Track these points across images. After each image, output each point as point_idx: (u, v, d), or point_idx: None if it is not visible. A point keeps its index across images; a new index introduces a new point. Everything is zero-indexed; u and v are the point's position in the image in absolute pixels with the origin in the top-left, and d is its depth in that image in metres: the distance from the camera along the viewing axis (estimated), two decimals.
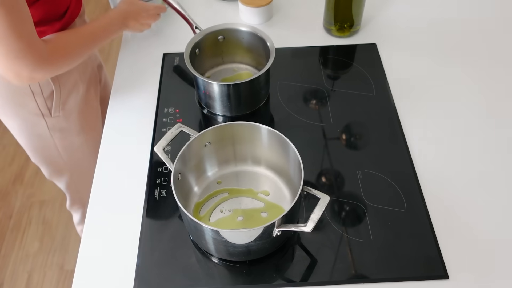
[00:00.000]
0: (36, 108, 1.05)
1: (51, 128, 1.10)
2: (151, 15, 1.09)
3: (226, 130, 0.86)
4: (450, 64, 1.12)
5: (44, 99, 1.04)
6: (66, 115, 1.10)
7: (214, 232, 0.73)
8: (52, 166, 1.22)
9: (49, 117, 1.08)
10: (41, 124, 1.09)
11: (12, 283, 1.70)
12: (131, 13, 1.05)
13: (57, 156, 1.18)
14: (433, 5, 1.27)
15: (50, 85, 1.03)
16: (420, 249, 0.81)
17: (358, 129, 1.00)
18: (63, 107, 1.08)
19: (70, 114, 1.11)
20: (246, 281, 0.79)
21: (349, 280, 0.78)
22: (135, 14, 1.05)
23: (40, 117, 1.07)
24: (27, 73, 0.83)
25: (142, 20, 1.07)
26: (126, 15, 1.04)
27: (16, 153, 2.08)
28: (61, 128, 1.12)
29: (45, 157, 1.19)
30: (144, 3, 1.08)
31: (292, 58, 1.15)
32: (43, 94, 1.03)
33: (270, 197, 0.88)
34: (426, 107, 1.03)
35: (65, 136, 1.14)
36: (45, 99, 1.04)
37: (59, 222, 1.86)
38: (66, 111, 1.10)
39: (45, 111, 1.06)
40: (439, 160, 0.93)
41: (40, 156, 1.18)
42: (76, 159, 1.21)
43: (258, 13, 1.21)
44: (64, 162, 1.21)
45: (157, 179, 0.92)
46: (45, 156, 1.18)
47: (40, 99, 1.04)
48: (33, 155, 1.19)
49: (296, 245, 0.82)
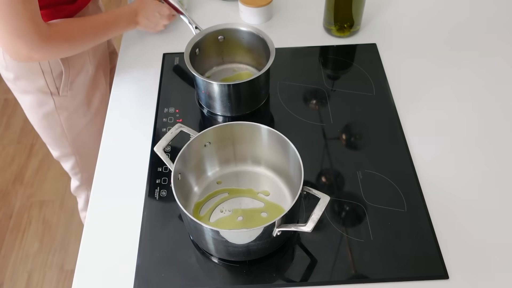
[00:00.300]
0: (45, 87, 1.08)
1: (58, 106, 1.13)
2: (165, 15, 1.11)
3: (226, 130, 0.86)
4: (450, 64, 1.12)
5: (53, 78, 1.07)
6: (73, 95, 1.13)
7: (214, 232, 0.73)
8: (58, 146, 1.25)
9: (57, 96, 1.11)
10: (49, 103, 1.12)
11: (12, 283, 1.70)
12: (143, 11, 1.07)
13: (63, 135, 1.20)
14: (433, 5, 1.27)
15: (60, 65, 1.05)
16: (420, 249, 0.81)
17: (358, 129, 1.00)
18: (71, 86, 1.11)
19: (77, 94, 1.14)
20: (246, 281, 0.79)
21: (349, 280, 0.78)
22: (147, 13, 1.08)
23: (48, 95, 1.10)
24: (25, 52, 0.87)
25: (154, 20, 1.10)
26: (137, 12, 1.07)
27: (16, 153, 2.08)
28: (68, 107, 1.14)
29: (52, 137, 1.21)
30: (159, 4, 1.09)
31: (292, 58, 1.15)
32: (53, 74, 1.06)
33: (270, 197, 0.88)
34: (426, 107, 1.03)
35: (71, 115, 1.16)
36: (54, 78, 1.07)
37: (59, 222, 1.86)
38: (74, 90, 1.12)
39: (54, 89, 1.09)
40: (439, 160, 0.93)
41: (47, 135, 1.21)
42: (80, 140, 1.23)
43: (258, 13, 1.21)
44: (69, 143, 1.23)
45: (157, 179, 0.92)
46: (52, 135, 1.21)
47: (50, 78, 1.06)
48: (41, 134, 1.22)
49: (296, 245, 0.82)
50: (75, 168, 1.32)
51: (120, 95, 1.08)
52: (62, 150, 1.26)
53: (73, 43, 0.96)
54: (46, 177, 2.00)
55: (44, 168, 2.03)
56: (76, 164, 1.31)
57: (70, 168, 1.33)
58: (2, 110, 2.26)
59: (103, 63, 1.19)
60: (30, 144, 2.11)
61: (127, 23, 1.06)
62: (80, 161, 1.30)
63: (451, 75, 1.09)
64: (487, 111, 1.02)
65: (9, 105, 2.28)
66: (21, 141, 2.12)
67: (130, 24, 1.07)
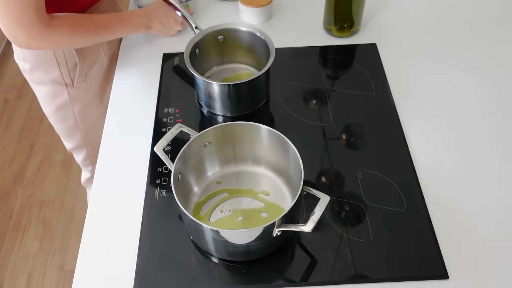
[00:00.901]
0: (60, 78, 1.09)
1: (72, 98, 1.14)
2: (179, 21, 1.12)
3: (226, 130, 0.86)
4: (450, 64, 1.12)
5: (68, 70, 1.08)
6: (88, 87, 1.14)
7: (214, 232, 0.73)
8: (71, 138, 1.26)
9: (71, 87, 1.12)
10: (64, 94, 1.13)
11: (12, 283, 1.70)
12: (157, 16, 1.08)
13: (76, 127, 1.22)
14: (433, 5, 1.27)
15: (75, 57, 1.07)
16: (420, 249, 0.81)
17: (358, 129, 1.00)
18: (85, 78, 1.12)
19: (91, 86, 1.15)
20: (246, 281, 0.79)
21: (349, 280, 0.78)
22: (161, 18, 1.09)
23: (63, 86, 1.11)
24: (23, 39, 0.90)
25: (169, 25, 1.11)
26: (151, 16, 1.08)
27: (16, 153, 2.08)
28: (82, 99, 1.15)
29: (65, 128, 1.23)
30: (173, 10, 1.10)
31: (292, 58, 1.15)
32: (68, 65, 1.07)
33: (270, 197, 0.88)
34: (426, 107, 1.03)
35: (84, 107, 1.18)
36: (69, 69, 1.08)
37: (59, 222, 1.86)
38: (88, 82, 1.13)
39: (68, 81, 1.10)
40: (439, 160, 0.93)
41: (61, 126, 1.23)
42: (93, 132, 1.24)
43: (258, 13, 1.21)
44: (81, 135, 1.24)
45: (157, 179, 0.92)
46: (65, 127, 1.22)
47: (65, 69, 1.08)
48: (55, 125, 1.23)
49: (296, 245, 0.82)
50: (86, 160, 1.34)
51: (120, 95, 1.08)
52: (74, 142, 1.27)
53: (74, 37, 0.97)
54: (46, 177, 2.00)
55: (44, 168, 2.03)
56: (88, 156, 1.32)
57: (81, 160, 1.35)
58: (2, 110, 2.26)
59: (116, 54, 1.19)
60: (30, 144, 2.11)
61: (137, 26, 1.07)
62: (92, 153, 1.32)
63: (451, 75, 1.09)
64: (487, 111, 1.02)
65: (9, 105, 2.28)
66: (21, 141, 2.12)
67: (141, 27, 1.08)
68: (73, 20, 0.96)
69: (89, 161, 1.35)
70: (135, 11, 1.07)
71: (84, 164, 1.36)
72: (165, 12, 1.09)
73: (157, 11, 1.08)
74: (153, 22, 1.08)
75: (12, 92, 2.33)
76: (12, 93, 2.32)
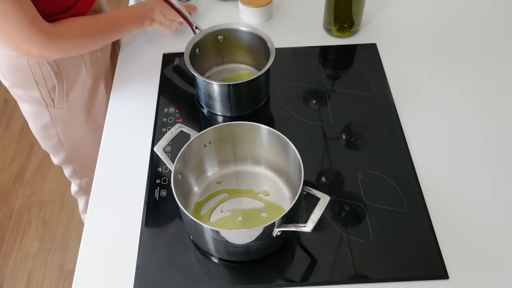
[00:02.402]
0: (40, 98, 1.07)
1: (54, 118, 1.12)
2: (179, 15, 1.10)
3: (226, 130, 0.86)
4: (450, 64, 1.12)
5: (47, 90, 1.06)
6: (70, 108, 1.12)
7: (214, 232, 0.73)
8: (57, 155, 1.25)
9: (52, 108, 1.10)
10: (45, 114, 1.11)
11: (12, 283, 1.70)
12: (159, 7, 1.07)
13: (60, 145, 1.20)
14: (433, 5, 1.27)
15: (53, 78, 1.04)
16: (420, 249, 0.81)
17: (358, 129, 1.00)
18: (67, 99, 1.10)
19: (74, 107, 1.13)
20: (246, 281, 0.79)
21: (349, 280, 0.78)
22: (164, 10, 1.07)
23: (44, 106, 1.10)
24: (36, 51, 0.90)
25: (171, 17, 1.09)
26: (153, 8, 1.06)
27: (16, 153, 2.08)
28: (64, 119, 1.14)
29: (50, 146, 1.21)
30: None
31: (292, 58, 1.15)
32: (47, 86, 1.05)
33: (270, 197, 0.88)
34: (426, 107, 1.03)
35: (68, 127, 1.16)
36: (49, 90, 1.06)
37: (59, 222, 1.86)
38: (70, 103, 1.11)
39: (49, 101, 1.09)
40: (439, 160, 0.93)
41: (45, 144, 1.21)
42: (78, 150, 1.23)
43: (258, 13, 1.21)
44: (67, 152, 1.23)
45: (157, 179, 0.92)
46: (49, 144, 1.21)
47: (44, 89, 1.06)
48: (40, 142, 1.22)
49: (296, 245, 0.82)
50: (73, 175, 1.32)
51: (120, 95, 1.08)
52: (60, 158, 1.25)
53: (82, 39, 0.96)
54: (46, 177, 2.00)
55: (44, 168, 2.03)
56: (75, 171, 1.30)
57: (69, 175, 1.33)
58: (2, 110, 2.26)
59: (102, 73, 1.17)
60: (30, 144, 2.11)
61: (141, 20, 1.05)
62: (79, 169, 1.30)
63: (452, 74, 1.09)
64: (487, 111, 1.02)
65: (9, 105, 2.27)
66: (21, 141, 2.12)
67: (145, 21, 1.06)
68: (77, 23, 0.95)
69: (76, 176, 1.33)
70: (137, 5, 1.06)
71: (72, 178, 1.35)
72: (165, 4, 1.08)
73: (159, 3, 1.07)
74: (156, 14, 1.06)
75: None
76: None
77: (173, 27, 1.12)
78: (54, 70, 1.03)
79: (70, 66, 1.05)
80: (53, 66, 1.03)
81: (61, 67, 1.04)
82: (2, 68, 1.03)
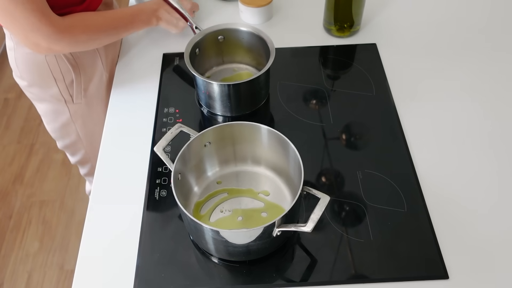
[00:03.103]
0: (58, 94, 1.08)
1: (73, 114, 1.13)
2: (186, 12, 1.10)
3: (226, 130, 0.86)
4: (450, 64, 1.12)
5: (66, 86, 1.07)
6: (88, 103, 1.13)
7: (214, 232, 0.73)
8: (76, 153, 1.25)
9: (71, 104, 1.11)
10: (64, 111, 1.12)
11: (12, 283, 1.70)
12: (165, 5, 1.07)
13: (79, 143, 1.21)
14: (433, 5, 1.27)
15: (71, 72, 1.05)
16: (420, 249, 0.81)
17: (358, 129, 1.00)
18: (85, 94, 1.11)
19: (92, 102, 1.13)
20: (246, 281, 0.79)
21: (349, 280, 0.78)
22: (168, 8, 1.08)
23: (63, 103, 1.10)
24: (45, 44, 0.90)
25: (175, 14, 1.09)
26: (158, 7, 1.07)
27: (16, 153, 2.08)
28: (83, 115, 1.14)
29: (68, 144, 1.22)
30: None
31: (292, 58, 1.15)
32: (65, 81, 1.06)
33: (270, 197, 0.88)
34: (426, 107, 1.03)
35: (86, 123, 1.16)
36: (67, 85, 1.07)
37: (59, 222, 1.86)
38: (88, 98, 1.12)
39: (68, 97, 1.09)
40: (439, 160, 0.93)
41: (63, 142, 1.22)
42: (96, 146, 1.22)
43: (258, 13, 1.21)
44: (85, 149, 1.23)
45: (157, 179, 0.92)
46: (67, 142, 1.21)
47: (62, 85, 1.06)
48: (58, 141, 1.22)
49: (296, 245, 0.82)
50: (90, 173, 1.33)
51: (120, 95, 1.08)
52: (79, 157, 1.26)
53: (91, 34, 0.97)
54: (46, 177, 2.00)
55: (44, 168, 2.03)
56: (92, 169, 1.31)
57: (85, 173, 1.34)
58: (2, 110, 2.26)
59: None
60: (30, 144, 2.11)
61: (148, 17, 1.06)
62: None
63: (452, 74, 1.09)
64: (487, 110, 1.02)
65: (9, 105, 2.28)
66: (21, 141, 2.12)
67: (152, 18, 1.07)
68: (86, 17, 0.96)
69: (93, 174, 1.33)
70: (144, 4, 1.06)
71: (89, 177, 1.35)
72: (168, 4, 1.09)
73: (161, 3, 1.08)
74: (161, 12, 1.07)
75: (12, 92, 2.33)
76: (12, 93, 2.32)
77: (180, 25, 1.12)
78: (71, 63, 1.04)
79: (86, 59, 1.06)
80: (70, 60, 1.03)
81: (77, 60, 1.05)
82: (20, 66, 1.03)
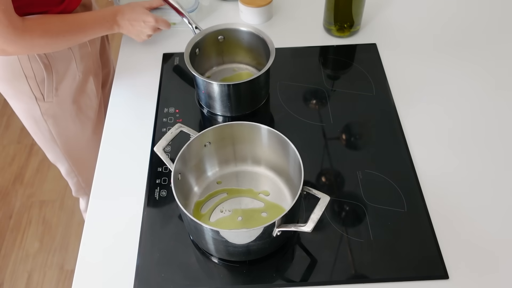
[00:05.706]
0: (29, 92, 1.06)
1: (44, 113, 1.11)
2: (150, 26, 1.06)
3: (226, 130, 0.86)
4: (450, 64, 1.12)
5: (37, 83, 1.05)
6: (60, 102, 1.11)
7: (214, 232, 0.73)
8: (50, 151, 1.24)
9: (42, 102, 1.09)
10: (35, 108, 1.10)
11: (12, 283, 1.70)
12: (127, 14, 1.04)
13: (52, 141, 1.19)
14: (433, 5, 1.27)
15: (42, 70, 1.03)
16: (420, 249, 0.81)
17: (358, 129, 1.00)
18: (56, 93, 1.09)
19: (64, 101, 1.12)
20: (246, 281, 0.79)
21: (349, 280, 0.78)
22: (131, 17, 1.04)
23: (34, 100, 1.08)
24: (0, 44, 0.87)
25: (138, 27, 1.05)
26: (121, 15, 1.03)
27: (16, 153, 2.08)
28: (54, 114, 1.13)
29: (42, 141, 1.21)
30: (147, 13, 1.05)
31: (292, 58, 1.15)
32: (36, 79, 1.04)
33: (270, 197, 0.88)
34: (426, 107, 1.03)
35: (59, 122, 1.15)
36: (38, 83, 1.05)
37: (59, 222, 1.86)
38: (60, 97, 1.10)
39: (39, 95, 1.08)
40: (439, 160, 0.93)
41: (38, 139, 1.21)
42: (71, 146, 1.22)
43: (258, 13, 1.21)
44: (59, 148, 1.22)
45: (157, 179, 0.92)
46: (42, 140, 1.20)
47: (33, 82, 1.05)
48: (34, 137, 1.21)
49: (296, 245, 0.82)
50: (70, 173, 1.31)
51: (120, 95, 1.08)
52: (53, 155, 1.25)
53: (49, 38, 0.94)
54: (46, 177, 2.00)
55: (44, 168, 2.03)
56: (70, 169, 1.30)
57: (65, 173, 1.32)
58: (2, 110, 2.26)
59: (93, 69, 1.15)
60: (30, 144, 2.10)
61: (110, 24, 1.02)
62: (74, 166, 1.29)
63: (451, 75, 1.09)
64: (487, 110, 1.02)
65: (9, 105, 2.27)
66: (21, 141, 2.12)
67: (113, 26, 1.03)
68: (46, 21, 0.93)
69: (72, 174, 1.31)
70: (107, 9, 1.03)
71: (69, 177, 1.33)
72: (137, 12, 1.04)
73: (128, 10, 1.04)
74: (122, 20, 1.03)
75: None
76: None
77: (141, 38, 1.08)
78: (44, 62, 1.02)
79: (60, 59, 1.04)
80: (43, 58, 1.02)
81: (50, 59, 1.03)
82: None
